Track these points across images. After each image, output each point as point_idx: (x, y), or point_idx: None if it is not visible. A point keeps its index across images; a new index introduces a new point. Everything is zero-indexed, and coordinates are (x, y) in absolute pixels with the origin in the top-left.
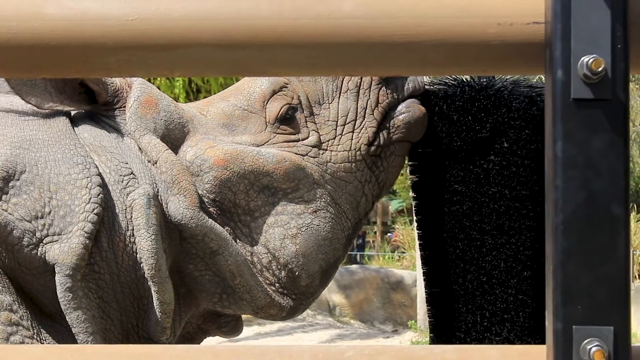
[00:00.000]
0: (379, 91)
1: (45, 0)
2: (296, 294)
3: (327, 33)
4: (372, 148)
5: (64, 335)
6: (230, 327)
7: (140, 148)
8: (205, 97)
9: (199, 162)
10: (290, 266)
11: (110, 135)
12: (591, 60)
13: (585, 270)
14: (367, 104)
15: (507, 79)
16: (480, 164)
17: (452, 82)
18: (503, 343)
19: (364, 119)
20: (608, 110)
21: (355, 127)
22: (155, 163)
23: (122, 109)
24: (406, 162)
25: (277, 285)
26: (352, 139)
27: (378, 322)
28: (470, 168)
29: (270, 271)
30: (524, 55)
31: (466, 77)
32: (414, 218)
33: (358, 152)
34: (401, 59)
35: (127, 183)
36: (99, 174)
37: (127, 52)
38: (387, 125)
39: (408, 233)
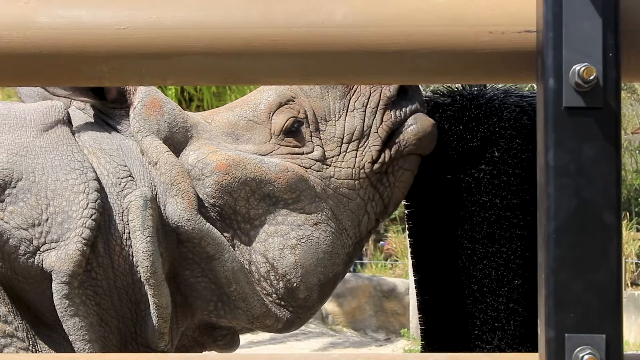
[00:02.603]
0: (384, 110)
1: (37, 9)
2: (294, 306)
3: (319, 42)
4: (377, 166)
5: (62, 345)
6: (227, 340)
7: (141, 150)
8: (197, 106)
9: (201, 166)
10: (288, 277)
11: (111, 137)
12: (583, 68)
13: (577, 278)
14: (373, 123)
15: (498, 88)
16: (471, 173)
17: (443, 91)
18: (494, 351)
19: (368, 138)
20: (600, 118)
21: (360, 146)
22: (156, 164)
23: (127, 109)
24: None
25: (274, 296)
26: (356, 157)
27: (371, 330)
28: (462, 177)
29: (268, 281)
30: (516, 64)
31: (457, 86)
32: (407, 226)
33: (362, 170)
34: (393, 67)
35: (125, 185)
36: (97, 179)
37: (119, 61)
38: (395, 141)
39: (401, 241)
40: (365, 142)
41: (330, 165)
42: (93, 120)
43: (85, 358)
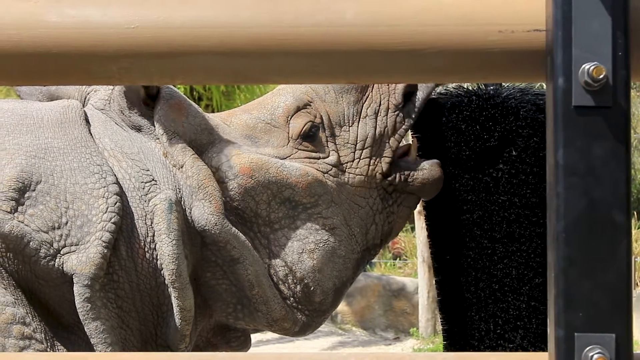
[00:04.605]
0: (395, 118)
1: (47, 8)
2: (309, 310)
3: (328, 41)
4: (387, 181)
5: (80, 347)
6: (240, 342)
7: (165, 152)
8: (206, 105)
9: (225, 169)
10: (306, 281)
11: (132, 139)
12: (592, 67)
13: (587, 278)
14: (385, 131)
15: (514, 87)
16: (490, 172)
17: (459, 91)
18: (517, 350)
19: (379, 146)
20: (609, 117)
21: (373, 154)
22: (182, 167)
23: (152, 109)
24: None
25: (291, 299)
26: (369, 165)
27: (380, 330)
28: (480, 177)
29: (286, 285)
30: (525, 63)
31: (473, 86)
32: (415, 225)
33: (373, 180)
34: (402, 66)
35: (149, 189)
36: (117, 182)
37: (128, 60)
38: (405, 175)
39: (410, 240)
40: (377, 150)
41: (345, 172)
42: (113, 121)
43: (95, 357)
